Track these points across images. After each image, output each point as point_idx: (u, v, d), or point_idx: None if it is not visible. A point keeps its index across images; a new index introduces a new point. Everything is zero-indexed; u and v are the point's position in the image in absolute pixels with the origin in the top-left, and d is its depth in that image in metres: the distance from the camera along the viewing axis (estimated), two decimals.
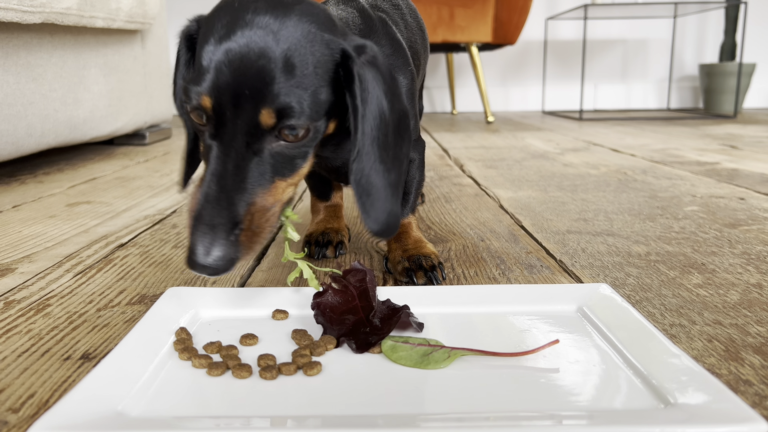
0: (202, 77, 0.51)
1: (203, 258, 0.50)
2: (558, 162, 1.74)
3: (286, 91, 0.51)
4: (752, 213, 1.08)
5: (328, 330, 0.56)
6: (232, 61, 0.51)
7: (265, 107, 0.51)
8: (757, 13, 3.81)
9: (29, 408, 0.47)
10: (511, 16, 2.88)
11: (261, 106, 0.51)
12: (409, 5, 0.90)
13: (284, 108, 0.51)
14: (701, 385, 0.44)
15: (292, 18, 0.53)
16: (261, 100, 0.50)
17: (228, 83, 0.50)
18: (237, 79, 0.50)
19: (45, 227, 1.04)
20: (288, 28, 0.52)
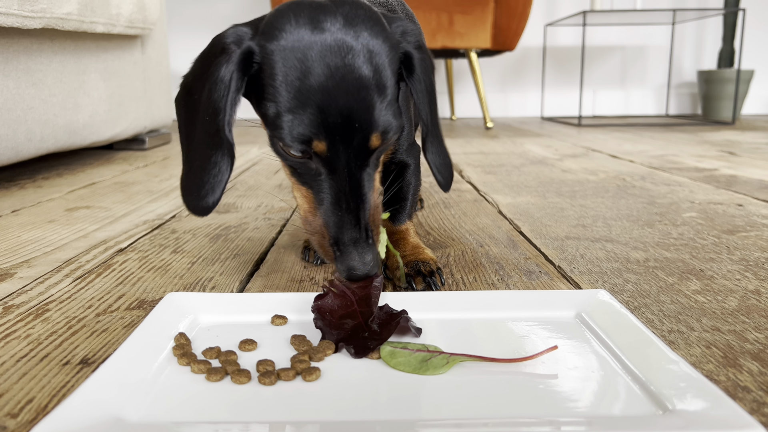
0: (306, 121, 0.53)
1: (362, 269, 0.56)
2: (557, 168, 1.74)
3: (385, 112, 0.55)
4: (750, 219, 1.08)
5: (327, 335, 0.56)
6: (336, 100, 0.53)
7: (373, 133, 0.55)
8: (755, 20, 3.82)
9: (28, 413, 0.47)
10: (510, 22, 2.89)
11: (371, 134, 0.55)
12: (405, 9, 0.90)
13: (386, 129, 0.56)
14: (699, 391, 0.44)
15: (364, 33, 0.56)
16: (370, 129, 0.55)
17: (338, 123, 0.54)
18: (347, 117, 0.54)
19: (44, 232, 1.04)
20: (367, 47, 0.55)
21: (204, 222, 1.10)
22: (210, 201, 0.60)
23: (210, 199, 0.60)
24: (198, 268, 0.84)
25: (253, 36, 0.57)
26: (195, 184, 0.60)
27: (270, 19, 0.57)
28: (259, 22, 0.58)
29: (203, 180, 0.59)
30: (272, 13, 0.58)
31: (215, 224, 1.08)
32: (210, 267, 0.84)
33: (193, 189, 0.61)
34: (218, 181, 0.59)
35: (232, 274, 0.81)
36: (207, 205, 0.60)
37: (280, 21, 0.56)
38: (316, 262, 0.84)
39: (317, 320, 0.57)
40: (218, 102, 0.57)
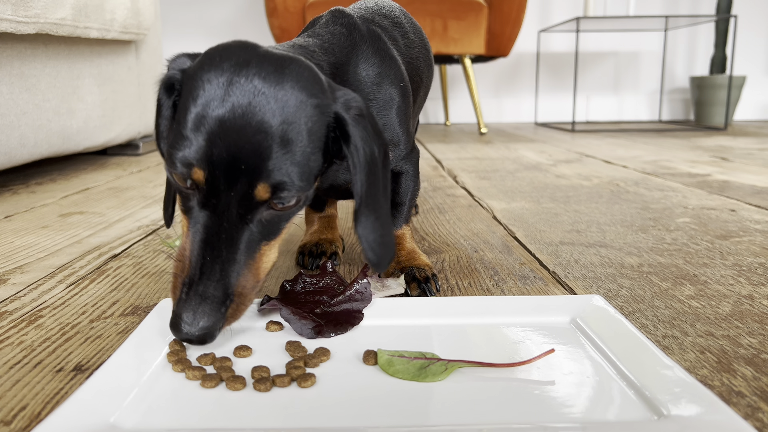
0: (192, 146, 0.50)
1: (191, 327, 0.50)
2: (551, 173, 1.75)
3: (282, 166, 0.50)
4: (743, 225, 1.08)
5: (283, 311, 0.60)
6: (228, 134, 0.49)
7: (261, 182, 0.50)
8: (747, 27, 3.84)
9: (21, 420, 0.47)
10: (504, 28, 2.90)
11: (257, 182, 0.50)
12: (413, 24, 0.90)
13: (279, 183, 0.51)
14: (694, 396, 0.44)
15: (286, 85, 0.52)
16: (257, 176, 0.50)
17: (223, 157, 0.49)
18: (233, 154, 0.49)
19: (37, 238, 1.04)
20: (284, 97, 0.51)
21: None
22: (168, 214, 0.65)
23: (168, 212, 0.65)
24: None
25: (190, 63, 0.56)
26: (165, 199, 0.65)
27: (205, 51, 0.56)
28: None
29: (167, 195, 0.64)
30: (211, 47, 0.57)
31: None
32: None
33: (164, 203, 0.65)
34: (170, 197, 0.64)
35: None
36: (167, 217, 0.65)
37: (211, 53, 0.54)
38: (311, 267, 0.84)
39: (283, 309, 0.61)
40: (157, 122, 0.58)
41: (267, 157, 0.50)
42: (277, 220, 0.55)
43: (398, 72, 0.74)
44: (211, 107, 0.50)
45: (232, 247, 0.52)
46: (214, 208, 0.51)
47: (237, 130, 0.49)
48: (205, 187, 0.51)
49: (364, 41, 0.72)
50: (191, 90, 0.52)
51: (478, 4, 2.87)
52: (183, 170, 0.50)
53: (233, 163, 0.49)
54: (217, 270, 0.51)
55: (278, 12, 2.83)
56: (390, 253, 0.60)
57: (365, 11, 0.81)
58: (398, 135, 0.74)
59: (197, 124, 0.50)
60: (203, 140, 0.50)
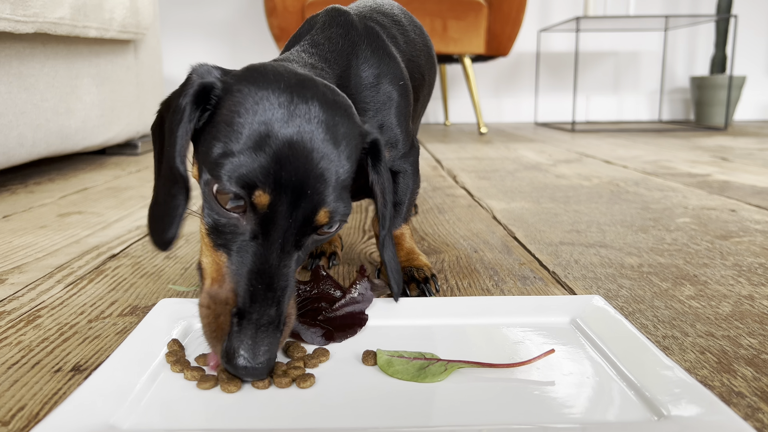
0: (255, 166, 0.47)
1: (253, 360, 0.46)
2: (550, 173, 1.75)
3: (338, 192, 0.50)
4: (743, 225, 1.08)
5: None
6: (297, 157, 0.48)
7: (324, 208, 0.50)
8: (747, 27, 3.84)
9: (19, 421, 0.47)
10: (504, 28, 2.90)
11: (320, 207, 0.49)
12: (413, 22, 0.90)
13: (337, 209, 0.50)
14: (694, 397, 0.44)
15: (340, 113, 0.52)
16: (321, 202, 0.49)
17: (291, 180, 0.48)
18: (301, 178, 0.48)
19: (36, 238, 1.03)
20: (340, 124, 0.51)
21: (197, 228, 1.09)
22: (169, 235, 0.54)
23: (169, 234, 0.54)
24: (191, 274, 0.84)
25: (221, 75, 0.53)
26: (158, 217, 0.56)
27: (248, 67, 0.54)
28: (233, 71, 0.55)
29: (164, 213, 0.55)
30: (252, 64, 0.55)
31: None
32: None
33: (157, 222, 0.55)
34: (176, 215, 0.54)
35: None
36: (167, 239, 0.54)
37: (258, 69, 0.53)
38: (309, 268, 0.84)
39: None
40: (172, 131, 0.52)
41: (330, 183, 0.50)
42: (312, 245, 0.54)
43: (397, 70, 0.73)
44: (276, 127, 0.48)
45: (285, 274, 0.50)
46: (268, 236, 0.49)
47: (306, 154, 0.48)
48: (267, 211, 0.48)
49: (362, 40, 0.72)
50: (244, 104, 0.49)
51: (478, 3, 2.86)
52: (240, 191, 0.47)
53: (301, 188, 0.48)
54: (270, 298, 0.48)
55: (277, 11, 2.82)
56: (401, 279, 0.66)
57: (363, 9, 0.81)
58: (396, 135, 0.74)
59: (259, 143, 0.47)
60: (269, 161, 0.47)
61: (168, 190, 0.54)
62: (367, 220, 1.17)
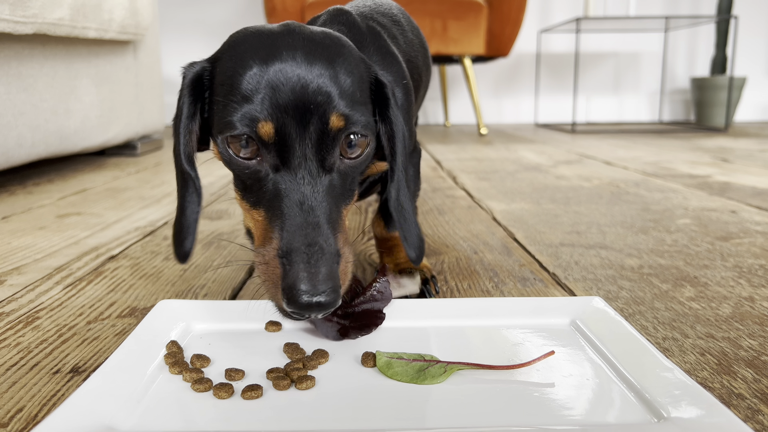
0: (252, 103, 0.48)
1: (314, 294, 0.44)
2: (551, 174, 1.75)
3: (348, 102, 0.49)
4: (744, 226, 1.08)
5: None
6: (289, 77, 0.48)
7: (333, 112, 0.48)
8: (748, 28, 3.84)
9: (18, 422, 0.47)
10: (504, 28, 2.90)
11: (330, 113, 0.48)
12: (411, 23, 0.89)
13: (350, 115, 0.49)
14: (694, 399, 0.44)
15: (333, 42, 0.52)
16: (328, 108, 0.48)
17: (290, 99, 0.48)
18: (299, 95, 0.48)
19: (35, 239, 1.03)
20: (333, 48, 0.51)
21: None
22: (186, 247, 0.55)
23: (186, 246, 0.55)
24: (190, 275, 0.84)
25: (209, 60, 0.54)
26: (177, 227, 0.56)
27: (230, 36, 0.55)
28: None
29: (181, 222, 0.55)
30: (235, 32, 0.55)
31: (207, 231, 1.08)
32: (202, 274, 0.84)
33: (176, 233, 0.56)
34: (191, 222, 0.55)
35: (225, 281, 0.81)
36: (184, 252, 0.55)
37: (239, 31, 0.53)
38: None
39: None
40: (174, 131, 0.54)
41: (333, 95, 0.49)
42: (351, 175, 0.52)
43: (400, 70, 0.72)
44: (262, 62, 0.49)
45: (321, 200, 0.49)
46: (289, 164, 0.49)
47: (298, 73, 0.48)
48: (277, 140, 0.48)
49: (364, 39, 0.71)
50: (230, 65, 0.50)
51: (478, 4, 2.86)
52: (246, 129, 0.48)
53: (302, 104, 0.48)
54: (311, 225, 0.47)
55: (277, 12, 2.82)
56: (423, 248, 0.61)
57: (364, 9, 0.81)
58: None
59: (251, 83, 0.48)
60: (264, 93, 0.48)
61: (183, 194, 0.55)
62: (367, 221, 1.17)
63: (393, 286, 0.69)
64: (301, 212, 0.47)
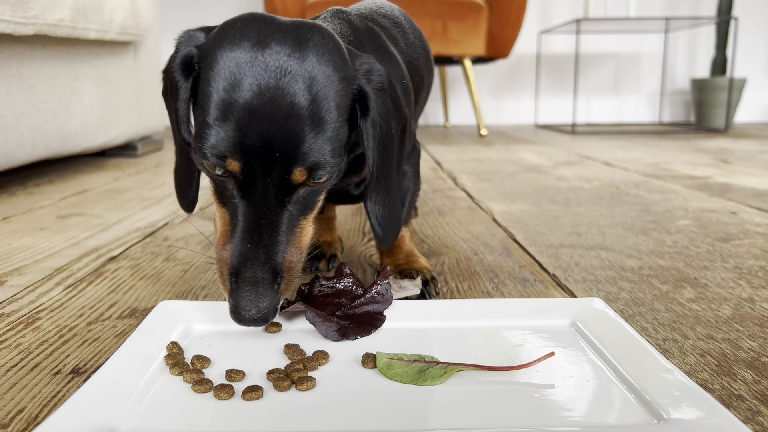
0: (222, 136, 0.49)
1: (252, 313, 0.51)
2: (551, 175, 1.75)
3: (315, 146, 0.51)
4: (744, 227, 1.08)
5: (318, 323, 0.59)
6: (259, 121, 0.49)
7: (297, 167, 0.51)
8: (748, 29, 3.85)
9: (18, 423, 0.47)
10: (504, 29, 2.90)
11: (293, 167, 0.51)
12: (413, 25, 0.89)
13: (314, 164, 0.51)
14: (694, 400, 0.44)
15: (311, 59, 0.51)
16: (293, 161, 0.50)
17: (256, 146, 0.49)
18: (267, 141, 0.49)
19: (35, 240, 1.03)
20: (311, 73, 0.51)
21: (197, 230, 1.09)
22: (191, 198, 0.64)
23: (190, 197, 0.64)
24: (191, 276, 0.84)
25: (204, 38, 0.55)
26: (179, 182, 0.64)
27: (221, 25, 0.55)
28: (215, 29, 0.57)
29: (183, 178, 0.63)
30: (227, 20, 0.55)
31: (207, 232, 1.08)
32: (203, 275, 0.84)
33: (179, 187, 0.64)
34: (193, 179, 0.62)
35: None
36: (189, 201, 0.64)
37: (228, 28, 0.53)
38: (309, 270, 0.84)
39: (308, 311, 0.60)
40: (172, 107, 0.57)
41: (301, 141, 0.50)
42: (312, 195, 0.55)
43: (398, 69, 0.72)
44: (237, 92, 0.49)
45: (274, 231, 0.53)
46: (251, 196, 0.52)
47: (268, 117, 0.49)
48: (242, 177, 0.51)
49: (362, 38, 0.71)
50: (211, 71, 0.51)
51: (478, 5, 2.87)
52: (216, 161, 0.50)
53: (268, 151, 0.49)
54: (261, 254, 0.52)
55: (278, 13, 2.83)
56: (396, 230, 0.63)
57: (364, 10, 0.81)
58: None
59: (224, 112, 0.49)
60: (234, 129, 0.49)
61: (183, 158, 0.61)
62: (367, 222, 1.16)
63: (394, 288, 0.69)
64: (252, 239, 0.52)
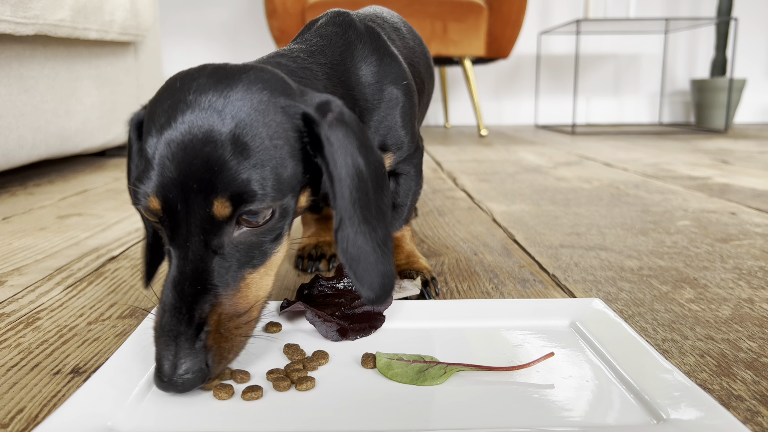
0: (147, 175, 0.46)
1: (170, 373, 0.45)
2: (551, 176, 1.75)
3: (239, 175, 0.46)
4: (743, 228, 1.08)
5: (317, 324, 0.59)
6: (175, 154, 0.46)
7: (216, 198, 0.45)
8: (748, 30, 3.85)
9: (18, 423, 0.47)
10: (504, 30, 2.90)
11: (212, 198, 0.45)
12: (412, 32, 0.88)
13: (239, 194, 0.46)
14: (693, 400, 0.44)
15: (237, 91, 0.48)
16: (211, 191, 0.45)
17: (173, 179, 0.45)
18: (183, 173, 0.45)
19: (35, 240, 1.03)
20: (234, 102, 0.47)
21: None
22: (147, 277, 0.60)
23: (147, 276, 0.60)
24: None
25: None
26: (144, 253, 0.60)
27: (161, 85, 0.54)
28: None
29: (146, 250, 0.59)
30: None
31: None
32: None
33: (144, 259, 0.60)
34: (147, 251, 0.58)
35: None
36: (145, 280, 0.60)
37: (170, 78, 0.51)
38: (310, 271, 0.84)
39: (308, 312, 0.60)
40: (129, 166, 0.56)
41: (220, 167, 0.45)
42: (258, 242, 0.49)
43: (400, 70, 0.71)
44: (160, 131, 0.47)
45: (199, 279, 0.47)
46: (177, 241, 0.47)
47: (183, 147, 0.46)
48: (165, 217, 0.47)
49: (361, 39, 0.70)
50: (147, 122, 0.49)
51: (478, 6, 2.87)
52: (140, 200, 0.47)
53: (185, 184, 0.45)
54: (183, 305, 0.46)
55: (278, 13, 2.83)
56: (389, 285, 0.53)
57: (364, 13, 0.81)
58: (401, 137, 0.71)
59: (150, 153, 0.47)
60: (154, 167, 0.46)
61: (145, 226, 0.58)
62: None
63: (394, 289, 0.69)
64: (175, 289, 0.47)
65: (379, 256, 0.53)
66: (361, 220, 0.51)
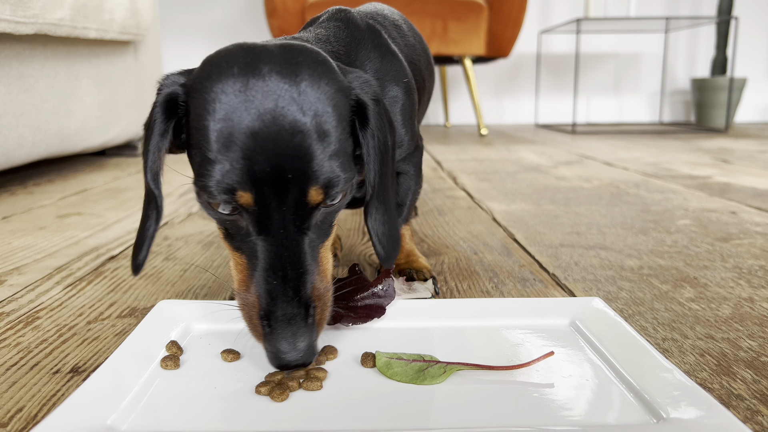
0: (228, 168, 0.46)
1: (293, 355, 0.48)
2: (551, 175, 1.75)
3: (326, 162, 0.48)
4: (744, 227, 1.08)
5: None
6: (264, 145, 0.46)
7: (312, 186, 0.47)
8: (748, 29, 3.84)
9: (18, 422, 0.47)
10: (505, 29, 2.90)
11: (308, 187, 0.47)
12: (413, 29, 0.88)
13: (329, 181, 0.48)
14: (693, 399, 0.44)
15: (304, 75, 0.49)
16: (307, 181, 0.47)
17: (267, 171, 0.46)
18: (277, 165, 0.46)
19: (35, 239, 1.03)
20: (307, 89, 0.48)
21: (196, 229, 1.09)
22: (139, 260, 0.55)
23: (139, 258, 0.55)
24: (190, 275, 0.84)
25: (185, 79, 0.52)
26: (137, 239, 0.56)
27: (205, 59, 0.52)
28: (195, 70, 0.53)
29: (139, 235, 0.56)
30: (210, 54, 0.52)
31: (207, 231, 1.08)
32: (202, 274, 0.84)
33: (136, 245, 0.56)
34: (147, 236, 0.55)
35: (225, 281, 0.81)
36: (137, 263, 0.55)
37: (213, 60, 0.50)
38: None
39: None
40: (144, 147, 0.53)
41: (311, 157, 0.47)
42: (329, 219, 0.52)
43: (401, 68, 0.71)
44: (235, 120, 0.46)
45: (298, 262, 0.49)
46: (268, 229, 0.48)
47: (273, 139, 0.46)
48: (256, 209, 0.48)
49: (363, 36, 0.70)
50: (203, 105, 0.48)
51: (478, 5, 2.87)
52: (225, 197, 0.47)
53: (280, 175, 0.46)
54: (289, 290, 0.49)
55: (278, 12, 2.83)
56: (397, 247, 0.59)
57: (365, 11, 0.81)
58: (401, 136, 0.71)
59: (226, 143, 0.46)
60: (239, 158, 0.46)
61: (145, 209, 0.55)
62: None
63: (405, 290, 0.69)
64: (276, 275, 0.49)
65: (398, 230, 0.59)
66: (385, 192, 0.56)
